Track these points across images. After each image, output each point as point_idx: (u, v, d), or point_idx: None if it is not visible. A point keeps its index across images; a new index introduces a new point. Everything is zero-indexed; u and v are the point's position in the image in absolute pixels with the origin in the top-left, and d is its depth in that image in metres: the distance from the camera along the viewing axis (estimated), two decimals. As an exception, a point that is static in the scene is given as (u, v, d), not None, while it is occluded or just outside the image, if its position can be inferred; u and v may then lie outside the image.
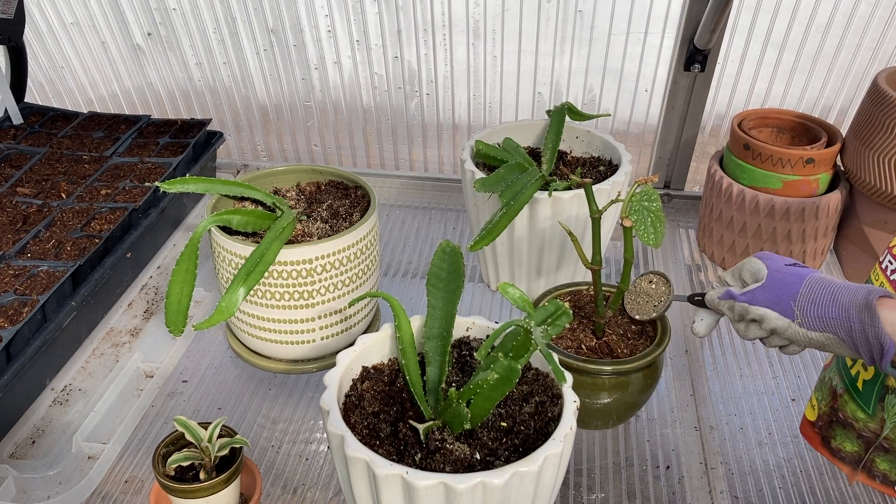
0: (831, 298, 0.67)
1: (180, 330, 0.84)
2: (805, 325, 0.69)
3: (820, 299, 0.68)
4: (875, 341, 0.64)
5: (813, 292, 0.69)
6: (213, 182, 0.91)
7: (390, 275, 1.20)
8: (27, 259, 1.01)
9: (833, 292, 0.68)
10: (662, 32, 1.36)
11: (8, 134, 1.34)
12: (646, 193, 0.78)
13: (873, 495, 0.86)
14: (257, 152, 1.65)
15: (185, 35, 1.49)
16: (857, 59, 1.35)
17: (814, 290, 0.69)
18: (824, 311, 0.68)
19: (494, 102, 1.49)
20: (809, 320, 0.68)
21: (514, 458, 0.64)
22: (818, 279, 0.70)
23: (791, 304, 0.69)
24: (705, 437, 0.92)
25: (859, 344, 0.66)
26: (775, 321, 0.71)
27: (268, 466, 0.88)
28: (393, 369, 0.76)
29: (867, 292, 0.66)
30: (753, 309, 0.72)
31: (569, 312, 0.69)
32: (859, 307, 0.65)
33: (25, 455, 0.89)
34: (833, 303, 0.67)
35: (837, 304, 0.67)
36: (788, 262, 0.74)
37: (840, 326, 0.67)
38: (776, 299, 0.71)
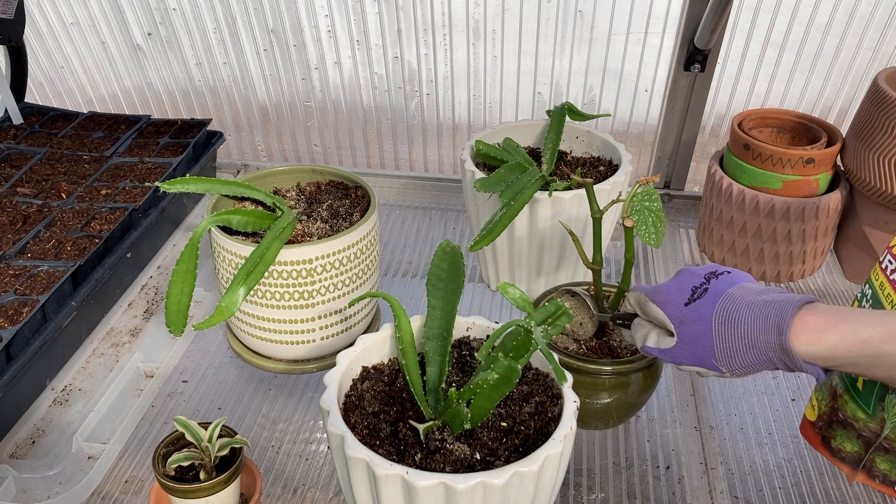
0: (746, 344, 0.65)
1: (180, 330, 0.84)
2: (736, 374, 0.68)
3: (736, 348, 0.65)
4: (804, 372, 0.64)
5: (725, 341, 0.66)
6: (213, 182, 0.91)
7: (390, 275, 1.20)
8: (27, 259, 1.01)
9: (745, 334, 0.65)
10: (662, 32, 1.36)
11: (8, 134, 1.34)
12: (647, 193, 0.78)
13: (873, 495, 0.86)
14: (257, 152, 1.65)
15: (186, 35, 1.49)
16: (857, 59, 1.35)
17: (725, 337, 0.66)
18: (745, 360, 0.66)
19: (494, 102, 1.49)
20: (737, 371, 0.67)
21: (514, 459, 0.64)
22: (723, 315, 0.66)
23: (713, 362, 0.67)
24: (705, 437, 0.92)
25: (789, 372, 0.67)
26: (710, 373, 0.70)
27: (268, 466, 0.88)
28: (393, 369, 0.76)
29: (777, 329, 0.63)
30: (685, 368, 0.71)
31: (569, 312, 0.69)
32: (776, 350, 0.63)
33: (25, 455, 0.89)
34: (750, 349, 0.65)
35: (755, 350, 0.65)
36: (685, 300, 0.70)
37: (767, 367, 0.65)
38: (698, 359, 0.69)
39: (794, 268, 1.18)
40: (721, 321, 0.67)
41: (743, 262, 1.19)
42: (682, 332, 0.69)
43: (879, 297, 0.77)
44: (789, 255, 1.16)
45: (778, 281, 1.19)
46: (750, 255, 1.18)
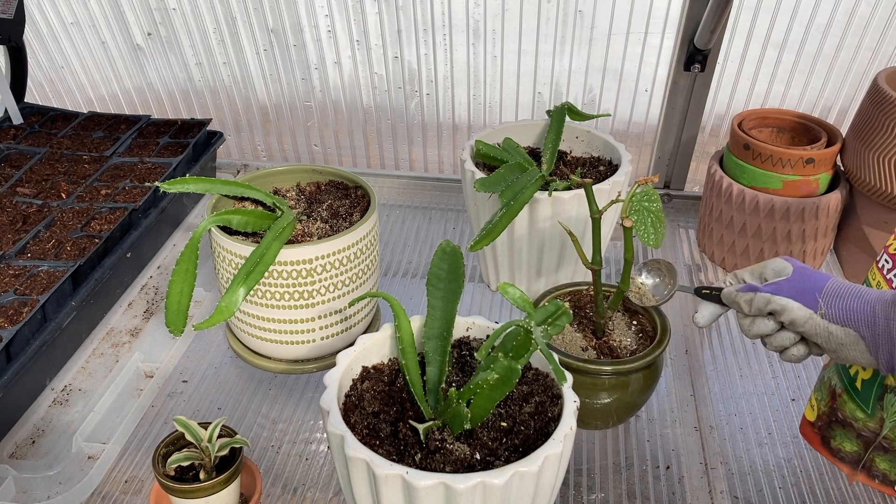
0: (856, 294, 0.67)
1: (180, 330, 0.84)
2: (828, 316, 0.68)
3: (845, 294, 0.68)
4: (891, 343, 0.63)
5: (839, 287, 0.69)
6: (213, 182, 0.91)
7: (390, 275, 1.20)
8: (27, 259, 1.01)
9: (858, 290, 0.68)
10: (662, 32, 1.36)
11: (8, 134, 1.34)
12: (646, 193, 0.78)
13: (873, 495, 0.86)
14: (257, 152, 1.65)
15: (185, 35, 1.49)
16: (857, 60, 1.35)
17: (840, 286, 0.69)
18: (849, 305, 0.67)
19: (494, 102, 1.49)
20: (833, 312, 0.68)
21: (514, 458, 0.64)
22: (843, 281, 0.70)
23: (816, 296, 0.69)
24: (705, 437, 0.92)
25: (881, 342, 0.64)
26: (797, 311, 0.70)
27: (268, 466, 0.88)
28: (393, 369, 0.76)
29: (893, 292, 0.66)
30: (776, 299, 0.71)
31: (569, 312, 0.69)
32: (885, 303, 0.65)
33: (25, 455, 0.89)
34: (858, 298, 0.67)
35: (863, 300, 0.66)
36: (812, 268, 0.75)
37: (863, 321, 0.66)
38: (801, 291, 0.70)
39: (794, 268, 1.18)
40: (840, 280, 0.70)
41: (743, 262, 1.19)
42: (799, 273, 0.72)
43: (879, 297, 0.77)
44: (789, 255, 1.16)
45: (778, 281, 1.19)
46: (750, 255, 1.18)
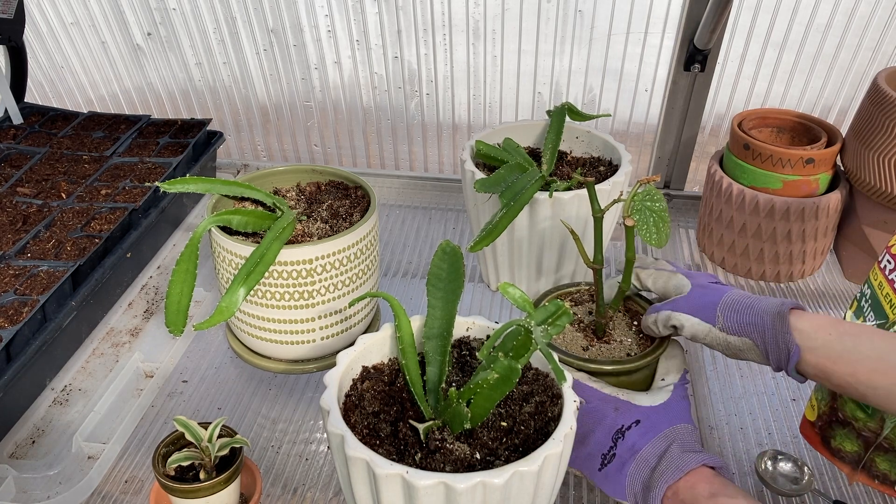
0: (749, 307, 0.74)
1: (180, 330, 0.84)
2: (725, 329, 0.74)
3: (739, 307, 0.74)
4: (783, 346, 0.70)
5: (733, 302, 0.75)
6: (213, 182, 0.91)
7: (390, 275, 1.20)
8: (27, 259, 1.01)
9: (750, 302, 0.74)
10: (662, 32, 1.36)
11: (8, 134, 1.34)
12: (649, 193, 0.78)
13: (873, 495, 0.86)
14: (257, 152, 1.65)
15: (185, 35, 1.49)
16: (857, 59, 1.35)
17: (734, 300, 0.75)
18: (743, 318, 0.73)
19: (494, 102, 1.49)
20: (730, 325, 0.74)
21: (514, 458, 0.64)
22: (738, 293, 0.76)
23: (714, 310, 0.75)
24: (705, 438, 0.92)
25: (770, 349, 0.71)
26: (696, 326, 0.76)
27: (268, 466, 0.88)
28: (393, 369, 0.76)
29: (780, 303, 0.72)
30: (675, 315, 0.78)
31: (569, 312, 0.69)
32: (773, 314, 0.71)
33: (25, 455, 0.89)
34: (751, 311, 0.73)
35: (754, 311, 0.73)
36: (712, 280, 0.81)
37: (755, 331, 0.72)
38: (699, 307, 0.77)
39: (794, 268, 1.18)
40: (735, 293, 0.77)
41: (743, 262, 1.19)
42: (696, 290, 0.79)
43: (878, 297, 0.78)
44: (789, 255, 1.16)
45: (778, 281, 1.19)
46: (750, 255, 1.18)
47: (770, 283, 1.20)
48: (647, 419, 0.73)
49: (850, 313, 0.83)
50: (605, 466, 0.72)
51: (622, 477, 0.71)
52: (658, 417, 0.74)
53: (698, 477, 0.68)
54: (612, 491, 0.72)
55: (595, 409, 0.75)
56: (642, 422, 0.73)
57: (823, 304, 1.15)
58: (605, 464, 0.72)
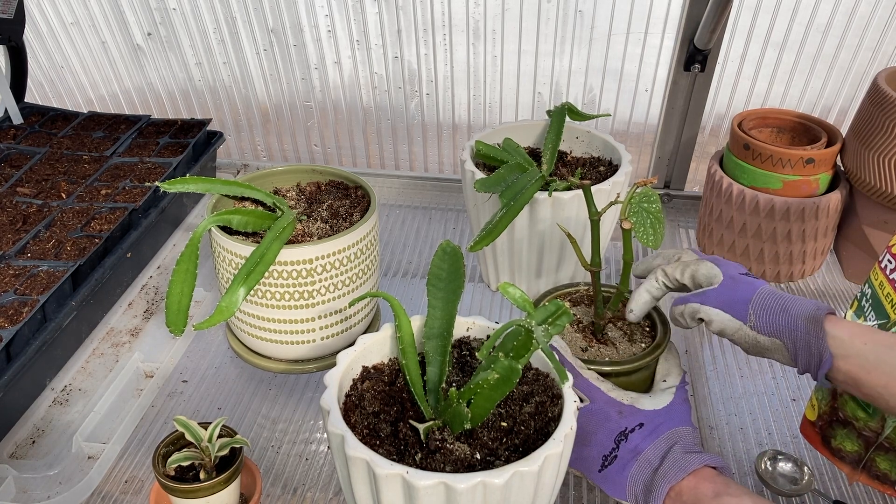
0: (782, 308, 0.72)
1: (180, 330, 0.84)
2: (756, 328, 0.73)
3: (771, 307, 0.72)
4: (815, 352, 0.69)
5: (766, 299, 0.73)
6: (213, 182, 0.91)
7: (390, 275, 1.20)
8: (27, 259, 1.01)
9: (784, 303, 0.72)
10: (662, 32, 1.36)
11: (8, 134, 1.34)
12: (645, 195, 0.78)
13: (873, 495, 0.86)
14: (257, 152, 1.65)
15: (186, 35, 1.49)
16: (857, 60, 1.35)
17: (766, 297, 0.73)
18: (775, 318, 0.72)
19: (494, 102, 1.49)
20: (761, 324, 0.72)
21: (515, 458, 0.64)
22: (770, 290, 0.74)
23: (746, 307, 0.73)
24: (705, 438, 0.92)
25: (800, 352, 0.70)
26: (727, 323, 0.74)
27: (268, 466, 0.88)
28: (393, 369, 0.76)
29: (816, 307, 0.71)
30: (705, 309, 0.75)
31: (569, 312, 0.69)
32: (807, 318, 0.70)
33: (25, 455, 0.89)
34: (783, 312, 0.72)
35: (788, 314, 0.71)
36: (742, 271, 0.78)
37: (787, 334, 0.71)
38: (730, 301, 0.74)
39: (794, 268, 1.18)
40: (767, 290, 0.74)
41: (743, 262, 1.19)
42: (728, 283, 0.76)
43: (879, 297, 0.78)
44: (789, 255, 1.16)
45: (778, 281, 1.19)
46: (750, 255, 1.18)
47: (770, 283, 1.19)
48: (650, 422, 0.73)
49: (851, 313, 0.83)
50: (606, 467, 0.72)
51: (623, 478, 0.71)
52: (661, 420, 0.74)
53: (701, 477, 0.68)
54: (613, 491, 0.72)
55: (599, 411, 0.75)
56: (645, 425, 0.73)
57: (824, 303, 1.15)
58: (607, 465, 0.72)
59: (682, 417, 0.75)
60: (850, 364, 0.67)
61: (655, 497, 0.68)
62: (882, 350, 0.66)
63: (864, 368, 0.66)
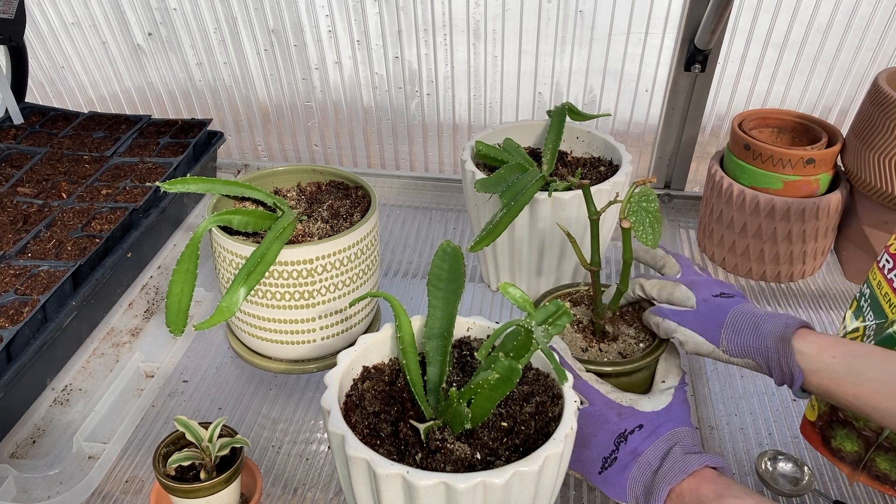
0: (753, 329, 0.73)
1: (181, 330, 0.84)
2: (729, 352, 0.75)
3: (743, 329, 0.74)
4: (787, 369, 0.70)
5: (737, 322, 0.75)
6: (213, 182, 0.91)
7: (391, 275, 1.20)
8: (28, 259, 1.01)
9: (755, 324, 0.74)
10: (663, 33, 1.36)
11: (8, 134, 1.34)
12: (643, 194, 0.78)
13: (874, 496, 0.86)
14: (258, 152, 1.65)
15: (186, 35, 1.49)
16: (858, 60, 1.35)
17: (738, 320, 0.75)
18: (746, 341, 0.73)
19: (495, 103, 1.49)
20: (733, 348, 0.74)
21: (515, 458, 0.64)
22: (742, 310, 0.76)
23: (718, 332, 0.75)
24: (706, 438, 0.92)
25: (773, 370, 0.72)
26: (701, 346, 0.76)
27: (268, 466, 0.88)
28: (394, 369, 0.76)
29: (784, 325, 0.72)
30: (681, 329, 0.78)
31: (569, 312, 0.69)
32: (776, 338, 0.71)
33: (26, 455, 0.89)
34: (754, 333, 0.73)
35: (758, 335, 0.73)
36: (715, 293, 0.79)
37: (758, 354, 0.73)
38: (704, 325, 0.76)
39: (795, 268, 1.18)
40: (739, 311, 0.76)
41: (743, 263, 1.19)
42: (702, 307, 0.78)
43: (877, 297, 0.78)
44: (789, 256, 1.16)
45: (778, 281, 1.19)
46: (750, 256, 1.18)
47: (770, 283, 1.20)
48: (649, 423, 0.73)
49: (850, 313, 0.83)
50: (606, 469, 0.72)
51: (623, 480, 0.71)
52: (660, 421, 0.74)
53: (702, 478, 0.68)
54: (613, 493, 0.72)
55: (598, 413, 0.75)
56: (645, 426, 0.73)
57: (824, 304, 1.15)
58: (606, 467, 0.72)
59: (681, 418, 0.75)
60: (820, 378, 0.69)
61: (656, 499, 0.68)
62: (850, 360, 0.68)
63: (833, 380, 0.68)
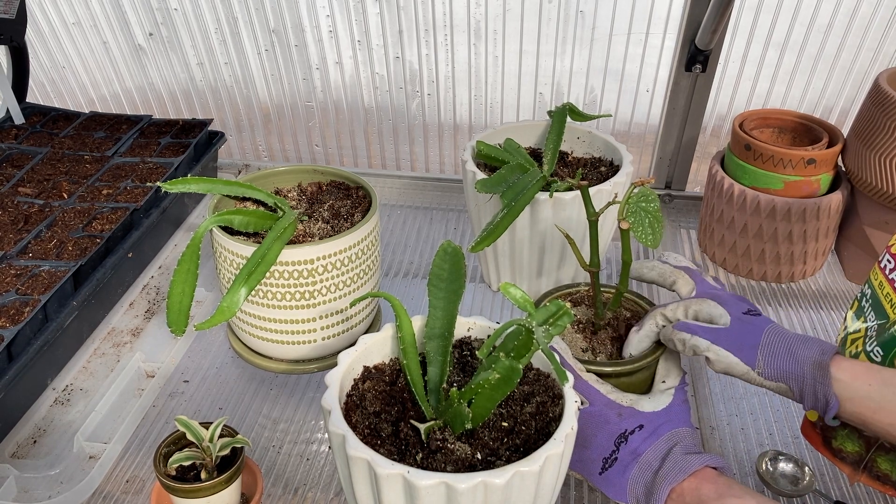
0: (788, 353, 0.72)
1: (182, 330, 0.84)
2: (764, 374, 0.73)
3: (779, 352, 0.73)
4: (822, 397, 0.70)
5: (773, 344, 0.73)
6: (214, 182, 0.91)
7: (391, 275, 1.20)
8: (29, 259, 1.01)
9: (789, 346, 0.73)
10: (664, 33, 1.36)
11: (10, 134, 1.34)
12: (643, 194, 0.78)
13: (874, 496, 0.86)
14: (258, 152, 1.65)
15: (187, 35, 1.49)
16: (859, 60, 1.35)
17: (773, 342, 0.73)
18: (782, 365, 0.72)
19: (496, 103, 1.49)
20: (769, 371, 0.73)
21: (516, 458, 0.64)
22: (775, 331, 0.74)
23: (755, 353, 0.74)
24: (706, 438, 0.92)
25: (806, 396, 0.71)
26: (735, 367, 0.74)
27: (269, 466, 0.88)
28: (394, 369, 0.76)
29: (821, 351, 0.71)
30: (714, 348, 0.75)
31: (570, 312, 0.69)
32: (813, 364, 0.71)
33: (27, 455, 0.89)
34: (790, 357, 0.72)
35: (794, 359, 0.72)
36: (744, 310, 0.78)
37: (794, 379, 0.72)
38: (739, 345, 0.74)
39: (795, 268, 1.18)
40: (773, 332, 0.74)
41: (744, 263, 1.19)
42: (736, 325, 0.76)
43: (878, 297, 0.78)
44: (790, 256, 1.16)
45: (779, 281, 1.19)
46: (751, 256, 1.18)
47: (771, 283, 1.19)
48: (649, 423, 0.73)
49: (851, 314, 0.83)
50: (607, 470, 0.72)
51: (624, 480, 0.71)
52: (660, 421, 0.74)
53: (702, 478, 0.68)
54: (614, 494, 0.72)
55: (599, 413, 0.75)
56: (645, 426, 0.73)
57: (825, 304, 1.15)
58: (607, 467, 0.72)
59: (681, 418, 0.75)
60: (855, 406, 0.68)
61: (657, 499, 0.68)
62: (886, 389, 0.67)
63: (869, 409, 0.68)
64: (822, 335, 1.09)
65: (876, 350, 0.74)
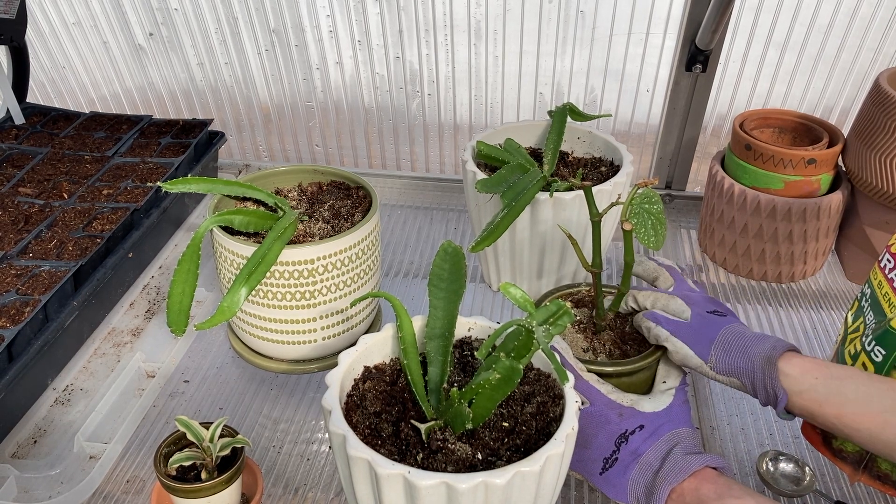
0: (742, 350, 0.75)
1: (182, 330, 0.84)
2: (716, 368, 0.75)
3: (732, 349, 0.75)
4: (771, 390, 0.71)
5: (728, 342, 0.76)
6: (214, 182, 0.91)
7: (392, 275, 1.20)
8: (29, 259, 1.01)
9: (744, 345, 0.75)
10: (664, 33, 1.36)
11: (10, 134, 1.34)
12: (646, 196, 0.78)
13: (875, 496, 0.86)
14: (259, 152, 1.65)
15: (187, 35, 1.49)
16: (859, 60, 1.35)
17: (728, 339, 0.76)
18: (735, 360, 0.74)
19: (496, 103, 1.49)
20: (721, 366, 0.75)
21: (516, 458, 0.64)
22: (733, 329, 0.77)
23: (708, 348, 0.76)
24: (707, 438, 0.92)
25: (758, 390, 0.73)
26: (690, 359, 0.77)
27: (269, 466, 0.88)
28: (395, 369, 0.76)
29: (772, 347, 0.73)
30: (672, 339, 0.78)
31: (570, 312, 0.69)
32: (763, 359, 0.72)
33: (27, 455, 0.89)
34: (743, 354, 0.74)
35: (746, 356, 0.74)
36: (709, 309, 0.80)
37: (745, 374, 0.74)
38: (696, 338, 0.77)
39: (796, 268, 1.18)
40: (730, 331, 0.77)
41: (744, 263, 1.19)
42: (697, 321, 0.79)
43: (877, 296, 0.78)
44: (790, 256, 1.16)
45: (779, 281, 1.19)
46: (751, 256, 1.18)
47: (771, 283, 1.19)
48: (650, 424, 0.74)
49: (851, 314, 0.83)
50: (607, 470, 0.72)
51: (624, 480, 0.71)
52: (661, 422, 0.74)
53: (703, 478, 0.68)
54: (614, 494, 0.72)
55: (599, 413, 0.75)
56: (646, 426, 0.73)
57: (825, 304, 1.15)
58: (607, 467, 0.72)
59: (682, 419, 0.75)
60: (803, 399, 0.70)
61: (657, 499, 0.68)
62: (832, 383, 0.69)
63: (816, 402, 0.70)
64: (822, 335, 1.09)
65: (876, 350, 0.74)
